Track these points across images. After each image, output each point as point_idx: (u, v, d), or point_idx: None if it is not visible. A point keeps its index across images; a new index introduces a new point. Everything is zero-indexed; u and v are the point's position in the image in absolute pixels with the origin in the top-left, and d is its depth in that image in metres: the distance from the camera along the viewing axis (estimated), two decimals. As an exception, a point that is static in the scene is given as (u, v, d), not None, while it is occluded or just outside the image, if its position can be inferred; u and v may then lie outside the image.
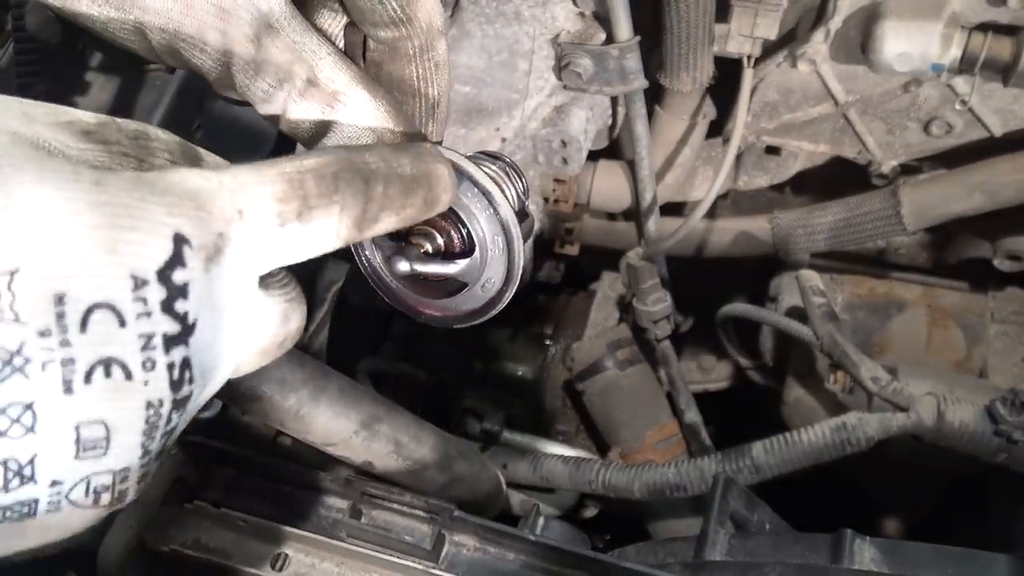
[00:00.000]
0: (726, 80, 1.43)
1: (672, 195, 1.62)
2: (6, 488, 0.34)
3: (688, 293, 1.70)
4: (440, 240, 0.54)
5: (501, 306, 0.55)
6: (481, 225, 0.53)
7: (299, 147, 0.59)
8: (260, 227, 0.39)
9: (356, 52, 0.52)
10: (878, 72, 1.33)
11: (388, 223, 0.45)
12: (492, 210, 0.53)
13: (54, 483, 0.35)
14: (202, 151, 0.44)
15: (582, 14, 1.34)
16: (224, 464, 0.80)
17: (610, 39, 1.32)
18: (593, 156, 1.60)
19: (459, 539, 0.74)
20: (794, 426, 1.21)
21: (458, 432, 1.52)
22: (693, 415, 1.55)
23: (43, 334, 0.33)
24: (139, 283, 0.35)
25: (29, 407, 0.33)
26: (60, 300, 0.33)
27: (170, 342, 0.36)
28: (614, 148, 1.61)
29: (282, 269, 0.44)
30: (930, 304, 1.55)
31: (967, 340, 1.51)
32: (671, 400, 1.59)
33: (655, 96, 1.48)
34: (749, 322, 1.56)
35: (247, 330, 0.41)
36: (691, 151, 1.55)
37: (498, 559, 0.73)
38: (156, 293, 0.35)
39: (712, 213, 1.61)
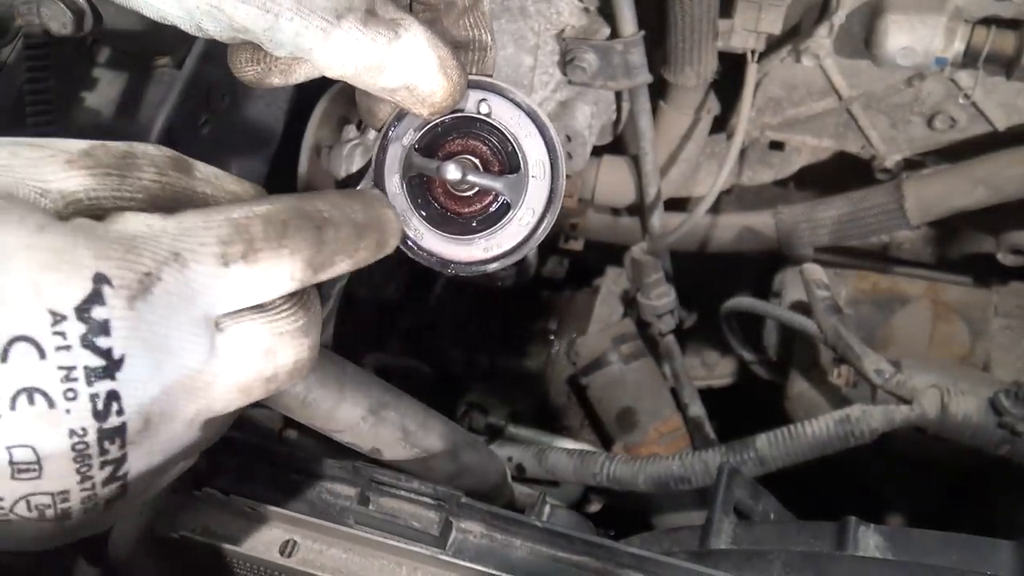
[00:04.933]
0: (730, 75, 1.44)
1: (676, 190, 1.63)
2: None
3: (692, 289, 1.71)
4: (478, 161, 0.57)
5: (541, 236, 0.56)
6: (523, 148, 0.55)
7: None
8: (199, 268, 0.41)
9: None
10: (882, 67, 1.34)
11: (343, 266, 0.47)
12: (535, 129, 0.55)
13: None
14: (195, 162, 0.46)
15: (587, 9, 1.34)
16: (233, 452, 0.81)
17: (614, 34, 1.33)
18: (597, 151, 1.61)
19: (466, 526, 0.74)
20: (798, 420, 1.22)
21: (463, 427, 1.52)
22: (697, 409, 1.56)
23: None
24: (57, 318, 0.37)
25: None
26: None
27: (93, 375, 0.38)
28: (618, 143, 1.62)
29: (285, 301, 0.45)
30: (934, 299, 1.56)
31: (971, 334, 1.52)
32: (675, 394, 1.60)
33: (659, 91, 1.48)
34: (753, 316, 1.56)
35: (210, 367, 0.42)
36: (695, 146, 1.55)
37: (505, 545, 0.73)
38: (74, 328, 0.37)
39: (716, 208, 1.61)
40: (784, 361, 1.58)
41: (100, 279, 0.38)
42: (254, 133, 1.41)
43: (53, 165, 0.40)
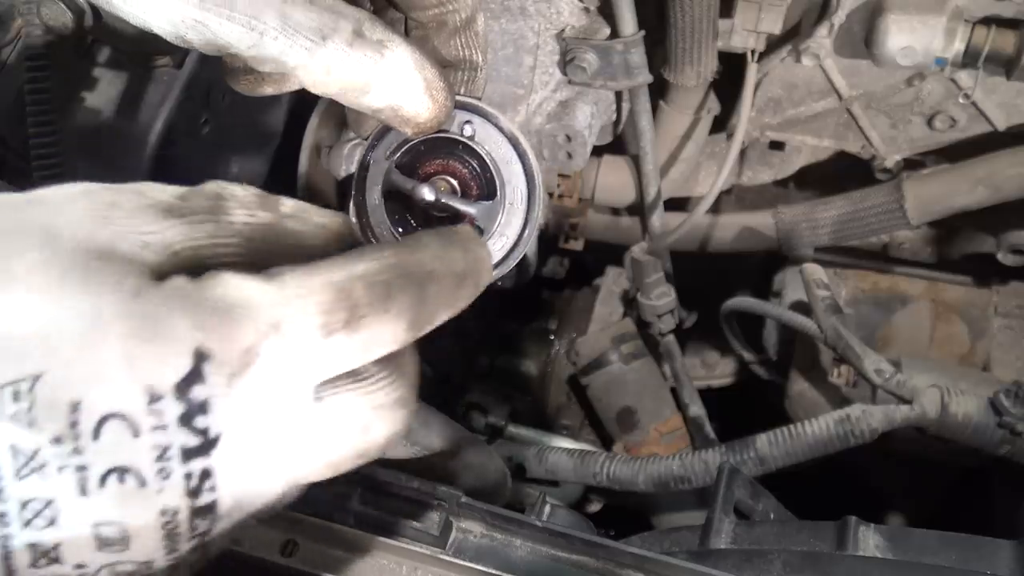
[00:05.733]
0: (730, 75, 1.44)
1: (676, 190, 1.63)
2: (35, 565, 0.36)
3: (692, 289, 1.71)
4: (456, 183, 0.56)
5: (512, 263, 0.56)
6: (502, 175, 0.55)
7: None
8: (300, 340, 0.39)
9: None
10: (882, 66, 1.34)
11: (441, 319, 0.45)
12: (516, 156, 0.55)
13: (79, 566, 0.37)
14: (279, 197, 0.44)
15: (587, 9, 1.34)
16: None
17: (615, 34, 1.32)
18: (597, 151, 1.61)
19: (466, 525, 0.74)
20: (798, 420, 1.22)
21: (463, 426, 1.52)
22: (697, 409, 1.56)
23: (57, 441, 0.35)
24: (154, 397, 0.35)
25: (50, 503, 0.35)
26: (75, 408, 0.35)
27: (189, 454, 0.36)
28: (618, 143, 1.62)
29: (383, 368, 0.43)
30: (934, 298, 1.56)
31: (971, 334, 1.52)
32: (675, 394, 1.60)
33: (659, 91, 1.48)
34: (753, 316, 1.56)
35: (305, 446, 0.40)
36: (695, 146, 1.55)
37: (505, 545, 0.73)
38: (172, 407, 0.36)
39: (716, 208, 1.61)
40: (784, 361, 1.58)
41: (200, 356, 0.36)
42: (254, 133, 1.41)
43: (151, 214, 0.39)
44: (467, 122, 0.55)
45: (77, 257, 0.36)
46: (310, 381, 0.40)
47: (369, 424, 0.42)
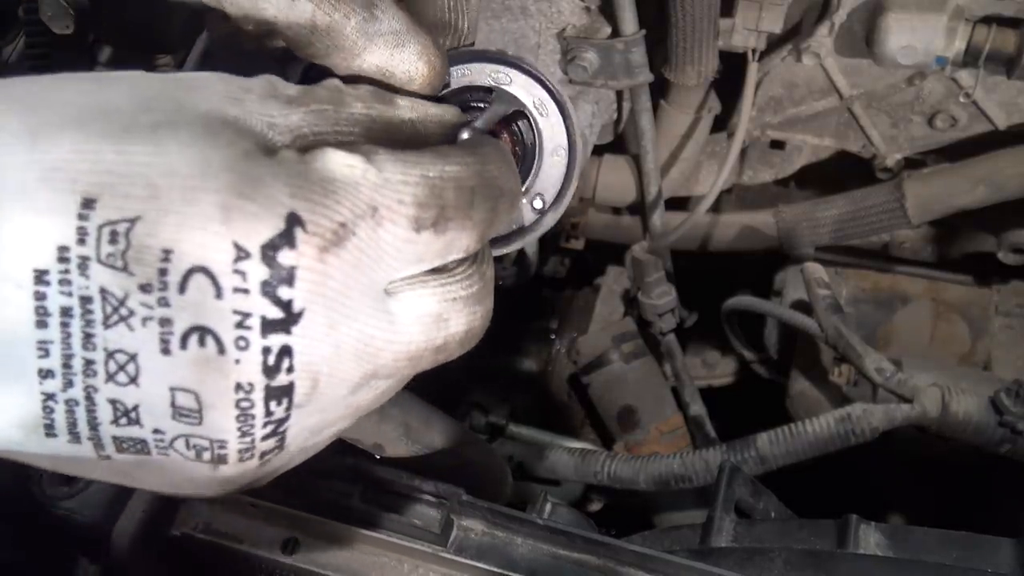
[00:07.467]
0: (730, 74, 1.44)
1: (677, 189, 1.63)
2: (117, 423, 0.36)
3: (692, 288, 1.71)
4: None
5: (545, 227, 0.54)
6: (539, 126, 0.54)
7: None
8: (394, 230, 0.39)
9: None
10: (882, 65, 1.34)
11: (494, 232, 0.45)
12: (555, 107, 0.53)
13: (156, 431, 0.37)
14: (396, 95, 0.45)
15: (588, 8, 1.34)
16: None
17: (616, 33, 1.32)
18: (598, 150, 1.61)
19: (467, 523, 0.75)
20: (799, 419, 1.22)
21: (464, 425, 1.53)
22: (698, 408, 1.56)
23: (144, 289, 0.35)
24: (241, 253, 0.35)
25: (133, 358, 0.35)
26: (166, 256, 0.34)
27: (268, 327, 0.36)
28: (619, 142, 1.62)
29: (459, 264, 0.43)
30: (934, 297, 1.56)
31: (971, 333, 1.52)
32: (676, 393, 1.60)
33: (660, 90, 1.48)
34: (754, 315, 1.56)
35: (383, 332, 0.40)
36: (696, 145, 1.55)
37: (506, 543, 0.73)
38: (256, 270, 0.35)
39: (716, 208, 1.61)
40: (785, 360, 1.58)
41: (293, 220, 0.36)
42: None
43: (279, 101, 0.40)
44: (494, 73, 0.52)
45: (200, 119, 0.37)
46: (392, 273, 0.40)
47: (446, 316, 0.43)
